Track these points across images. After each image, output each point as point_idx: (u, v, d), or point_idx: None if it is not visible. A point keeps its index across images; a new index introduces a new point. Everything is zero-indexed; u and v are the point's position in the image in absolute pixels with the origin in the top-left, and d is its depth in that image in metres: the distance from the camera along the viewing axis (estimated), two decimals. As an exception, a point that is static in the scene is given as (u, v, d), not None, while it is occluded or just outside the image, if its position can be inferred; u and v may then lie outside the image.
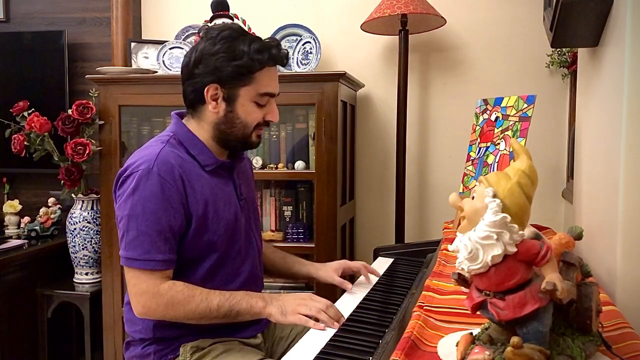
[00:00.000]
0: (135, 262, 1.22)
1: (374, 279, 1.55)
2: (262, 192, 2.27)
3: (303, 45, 2.28)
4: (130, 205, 1.22)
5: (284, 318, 1.24)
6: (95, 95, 2.28)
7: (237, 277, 1.36)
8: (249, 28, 2.28)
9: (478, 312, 0.70)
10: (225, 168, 1.37)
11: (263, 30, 2.34)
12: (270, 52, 1.29)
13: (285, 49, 1.36)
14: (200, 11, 2.45)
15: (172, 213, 1.23)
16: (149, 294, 1.22)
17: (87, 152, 2.21)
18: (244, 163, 1.49)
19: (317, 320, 1.21)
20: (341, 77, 2.06)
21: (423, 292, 1.09)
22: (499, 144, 1.64)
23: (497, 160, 1.61)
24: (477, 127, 1.82)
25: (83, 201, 2.37)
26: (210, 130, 1.33)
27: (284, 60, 1.33)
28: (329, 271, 1.51)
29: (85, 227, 2.34)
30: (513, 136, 1.57)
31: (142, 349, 1.34)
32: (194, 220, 1.27)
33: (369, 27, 2.26)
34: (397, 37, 2.22)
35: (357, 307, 1.31)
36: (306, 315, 1.22)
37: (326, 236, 2.09)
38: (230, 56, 1.26)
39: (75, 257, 2.39)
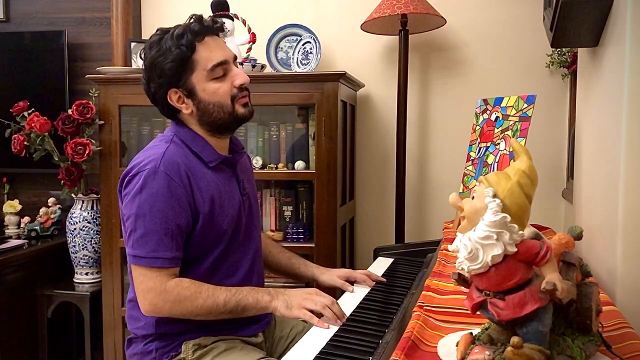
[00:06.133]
0: (142, 260, 1.23)
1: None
2: (262, 192, 2.27)
3: (303, 45, 2.28)
4: (138, 203, 1.23)
5: (289, 312, 1.24)
6: (95, 95, 2.28)
7: (238, 271, 1.37)
8: (249, 28, 2.28)
9: (478, 312, 0.70)
10: (227, 163, 1.38)
11: (263, 30, 2.35)
12: (191, 31, 1.29)
13: (220, 21, 1.36)
14: (200, 11, 2.40)
15: (179, 211, 1.24)
16: (156, 291, 1.22)
17: (87, 152, 2.21)
18: (245, 159, 1.50)
19: (321, 315, 1.21)
20: (341, 77, 2.06)
21: (423, 292, 1.09)
22: (499, 144, 1.64)
23: (497, 160, 1.61)
24: (477, 127, 1.82)
25: (83, 201, 2.37)
26: (199, 126, 1.34)
27: (209, 25, 1.32)
28: (332, 276, 1.52)
29: (85, 227, 2.34)
30: (513, 136, 1.57)
31: (144, 346, 1.34)
32: (200, 217, 1.28)
33: (369, 27, 2.26)
34: (397, 37, 2.22)
35: (357, 307, 1.32)
36: (311, 311, 1.22)
37: (326, 236, 2.09)
38: (162, 58, 1.27)
39: (75, 257, 2.39)
